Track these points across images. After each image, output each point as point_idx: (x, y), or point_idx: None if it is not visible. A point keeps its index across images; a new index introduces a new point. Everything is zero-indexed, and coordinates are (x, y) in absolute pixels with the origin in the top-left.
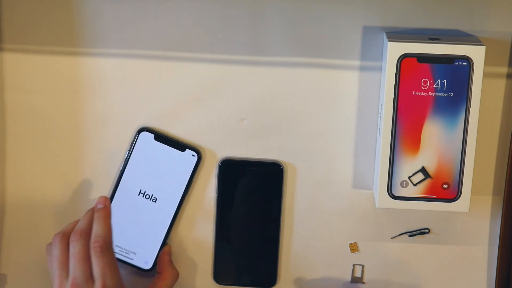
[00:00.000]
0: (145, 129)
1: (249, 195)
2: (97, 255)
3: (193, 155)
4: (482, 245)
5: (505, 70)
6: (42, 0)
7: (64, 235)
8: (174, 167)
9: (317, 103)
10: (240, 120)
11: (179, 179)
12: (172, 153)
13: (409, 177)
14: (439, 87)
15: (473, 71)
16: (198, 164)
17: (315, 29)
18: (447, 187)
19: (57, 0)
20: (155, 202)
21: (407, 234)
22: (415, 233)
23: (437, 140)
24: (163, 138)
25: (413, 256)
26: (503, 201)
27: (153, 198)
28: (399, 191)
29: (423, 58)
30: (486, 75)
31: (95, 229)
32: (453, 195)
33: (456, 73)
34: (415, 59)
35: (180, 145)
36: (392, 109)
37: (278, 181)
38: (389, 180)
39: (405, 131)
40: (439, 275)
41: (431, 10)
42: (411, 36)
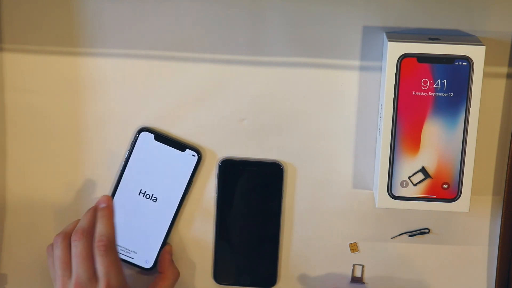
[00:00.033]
0: (145, 129)
1: (249, 195)
2: (101, 254)
3: (193, 155)
4: (482, 245)
5: (505, 70)
6: (42, 0)
7: (65, 235)
8: (174, 167)
9: (317, 103)
10: (240, 120)
11: (179, 179)
12: (172, 153)
13: (409, 177)
14: (439, 87)
15: (473, 71)
16: (198, 164)
17: (315, 29)
18: (447, 187)
19: (57, 0)
20: (156, 202)
21: (407, 234)
22: (415, 233)
23: (437, 140)
24: (163, 138)
25: (413, 256)
26: (503, 201)
27: (153, 198)
28: (399, 191)
29: (423, 58)
30: (486, 75)
31: (99, 228)
32: (453, 195)
33: (456, 73)
34: (415, 59)
35: (180, 145)
36: (392, 109)
37: (278, 181)
38: (389, 180)
39: (405, 131)
40: (439, 275)
41: (431, 10)
42: (411, 36)
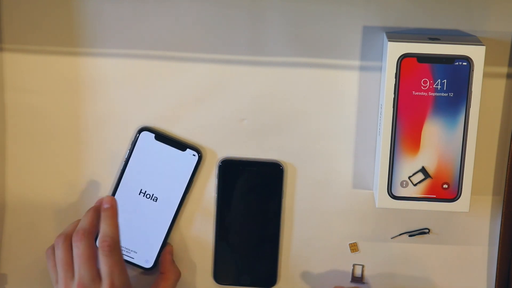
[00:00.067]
0: (145, 128)
1: (249, 195)
2: (105, 254)
3: (193, 155)
4: (482, 245)
5: (505, 70)
6: (42, 0)
7: (66, 236)
8: (174, 166)
9: (317, 103)
10: (240, 120)
11: (180, 179)
12: (172, 152)
13: (409, 177)
14: (439, 87)
15: (473, 71)
16: (198, 163)
17: (315, 29)
18: (447, 187)
19: (57, 0)
20: (156, 201)
21: (407, 234)
22: (415, 233)
23: (437, 140)
24: (163, 137)
25: (413, 256)
26: (503, 201)
27: (153, 197)
28: (399, 191)
29: (423, 58)
30: (486, 75)
31: (103, 228)
32: (453, 195)
33: (456, 73)
34: (415, 59)
35: (180, 145)
36: (392, 109)
37: (278, 181)
38: (389, 180)
39: (405, 131)
40: (439, 275)
41: (431, 10)
42: (411, 36)
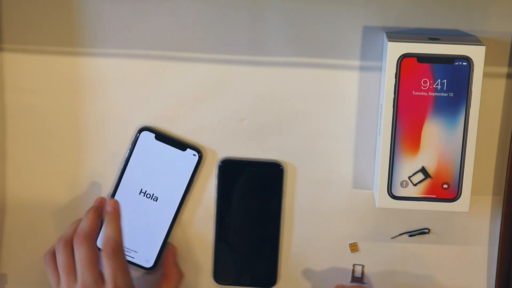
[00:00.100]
0: (146, 128)
1: (249, 195)
2: (109, 257)
3: (194, 155)
4: (482, 245)
5: (505, 70)
6: (42, 0)
7: (66, 240)
8: (175, 166)
9: (317, 103)
10: (240, 120)
11: (180, 179)
12: (173, 152)
13: (409, 177)
14: (439, 87)
15: (473, 71)
16: (199, 163)
17: (315, 29)
18: (447, 187)
19: (57, 0)
20: (156, 201)
21: (407, 234)
22: (415, 233)
23: (437, 140)
24: (164, 137)
25: (413, 256)
26: (503, 201)
27: (154, 197)
28: (399, 191)
29: (423, 58)
30: (486, 75)
31: (107, 231)
32: (453, 195)
33: (456, 73)
34: (415, 59)
35: (181, 145)
36: (392, 109)
37: (278, 181)
38: (389, 180)
39: (405, 131)
40: (439, 275)
41: (431, 10)
42: (411, 36)
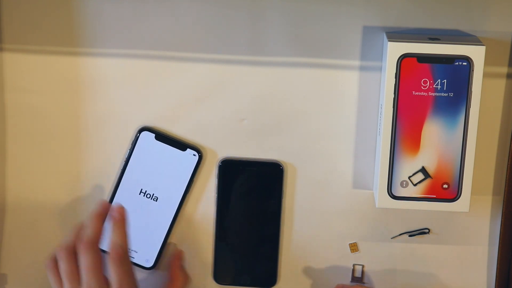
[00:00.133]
0: (146, 128)
1: (249, 195)
2: (115, 263)
3: (194, 155)
4: (482, 245)
5: (505, 70)
6: (42, 0)
7: (69, 247)
8: (175, 166)
9: (317, 103)
10: (240, 120)
11: (180, 179)
12: (173, 152)
13: (409, 177)
14: (439, 87)
15: (473, 71)
16: (199, 163)
17: (315, 29)
18: (447, 187)
19: (57, 0)
20: (156, 201)
21: (407, 234)
22: (415, 233)
23: (437, 140)
24: (164, 137)
25: (413, 256)
26: (503, 201)
27: (154, 197)
28: (399, 191)
29: (423, 58)
30: (486, 75)
31: (114, 238)
32: (453, 195)
33: (456, 73)
34: (415, 59)
35: (181, 145)
36: (392, 109)
37: (278, 181)
38: (389, 180)
39: (405, 131)
40: (439, 275)
41: (431, 10)
42: (411, 36)
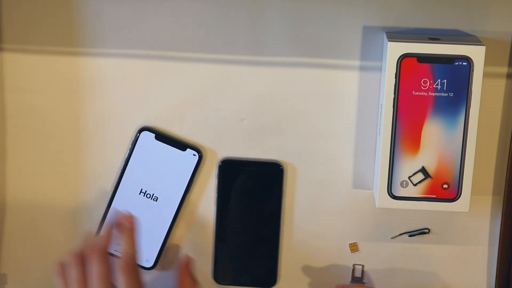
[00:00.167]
0: (146, 128)
1: (249, 195)
2: (124, 272)
3: (194, 155)
4: (482, 245)
5: (505, 70)
6: (42, 0)
7: (79, 254)
8: (175, 166)
9: (317, 103)
10: (240, 120)
11: (180, 179)
12: (173, 152)
13: (409, 177)
14: (439, 87)
15: (473, 71)
16: (199, 163)
17: (315, 29)
18: (447, 187)
19: (57, 0)
20: (156, 201)
21: (407, 234)
22: (415, 233)
23: (437, 140)
24: (164, 137)
25: (413, 256)
26: (503, 201)
27: (154, 197)
28: (399, 191)
29: (423, 58)
30: (486, 75)
31: (124, 248)
32: (453, 195)
33: (456, 73)
34: (415, 59)
35: (181, 145)
36: (392, 109)
37: (278, 181)
38: (389, 180)
39: (405, 131)
40: (439, 275)
41: (431, 10)
42: (411, 36)
